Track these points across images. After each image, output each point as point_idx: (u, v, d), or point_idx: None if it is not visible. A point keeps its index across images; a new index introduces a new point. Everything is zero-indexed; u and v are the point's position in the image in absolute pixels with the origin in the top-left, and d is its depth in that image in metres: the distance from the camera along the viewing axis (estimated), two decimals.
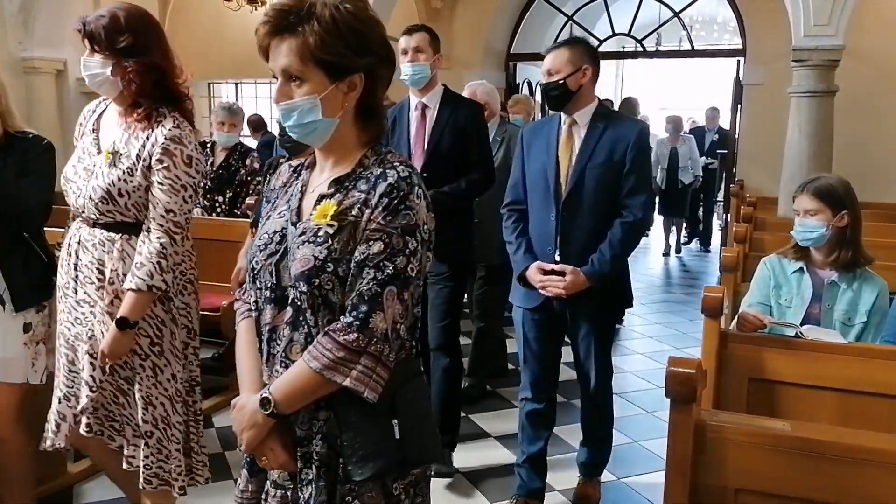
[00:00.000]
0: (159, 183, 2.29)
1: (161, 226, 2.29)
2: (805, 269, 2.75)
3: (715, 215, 10.09)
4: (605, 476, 3.43)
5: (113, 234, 2.34)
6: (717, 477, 1.62)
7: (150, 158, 2.29)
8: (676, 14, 7.88)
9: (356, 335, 1.37)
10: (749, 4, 7.13)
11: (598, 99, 2.89)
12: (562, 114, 2.87)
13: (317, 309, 1.43)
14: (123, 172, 2.29)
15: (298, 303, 1.43)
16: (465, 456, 3.59)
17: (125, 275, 2.30)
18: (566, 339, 3.06)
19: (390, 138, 3.34)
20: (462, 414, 4.07)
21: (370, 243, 1.39)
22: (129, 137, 2.34)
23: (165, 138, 2.29)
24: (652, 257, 9.39)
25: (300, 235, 1.46)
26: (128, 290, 2.27)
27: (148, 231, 2.30)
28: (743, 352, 2.33)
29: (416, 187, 1.43)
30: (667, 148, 8.96)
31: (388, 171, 1.43)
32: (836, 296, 2.69)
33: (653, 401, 4.42)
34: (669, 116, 9.41)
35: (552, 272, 2.78)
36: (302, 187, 1.57)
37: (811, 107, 4.97)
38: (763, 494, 1.59)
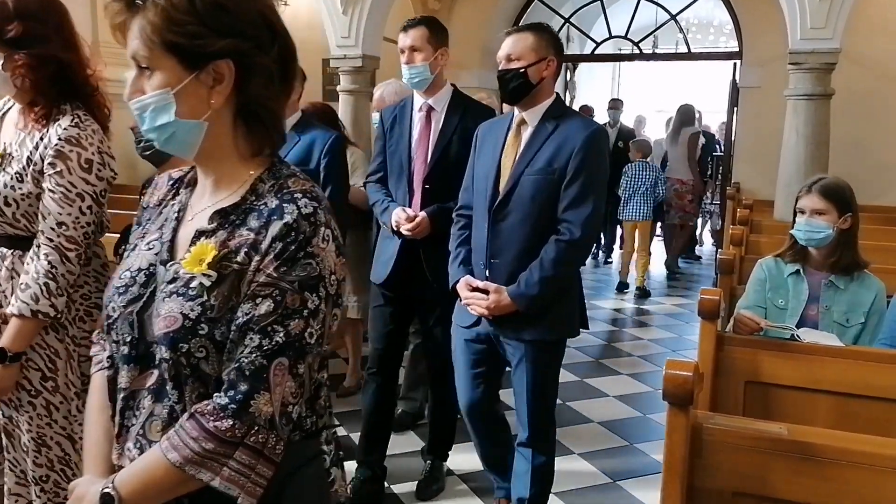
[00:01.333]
0: (50, 190, 1.95)
1: (51, 241, 1.95)
2: (801, 271, 2.75)
3: (703, 221, 9.80)
4: (601, 478, 3.44)
5: (3, 250, 2.05)
6: (714, 480, 1.62)
7: (42, 162, 1.96)
8: (673, 17, 7.89)
9: (231, 422, 1.06)
10: (745, 7, 7.14)
11: (556, 95, 2.56)
12: (515, 111, 2.56)
13: (183, 381, 1.12)
14: (11, 178, 1.98)
15: (162, 369, 1.13)
16: (462, 457, 3.58)
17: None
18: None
19: (387, 141, 3.06)
20: (458, 416, 4.06)
21: (257, 301, 1.09)
22: (23, 138, 2.02)
23: (59, 139, 1.95)
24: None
25: (169, 283, 1.15)
26: (10, 315, 1.95)
27: (38, 247, 1.97)
28: (739, 355, 2.33)
29: (322, 227, 1.12)
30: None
31: (286, 204, 1.12)
32: (833, 297, 2.69)
33: (648, 403, 4.42)
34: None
35: (477, 289, 2.51)
36: (179, 211, 1.25)
37: (808, 110, 4.98)
38: (760, 498, 1.59)
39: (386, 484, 3.28)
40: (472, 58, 7.83)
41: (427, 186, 2.95)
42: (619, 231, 8.75)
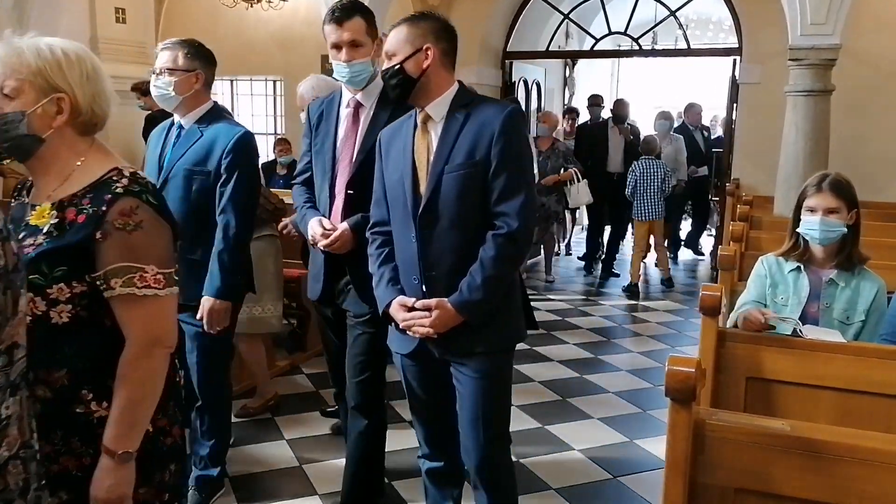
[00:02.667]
0: None
1: None
2: (802, 268, 2.74)
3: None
4: (602, 475, 3.44)
5: None
6: (716, 476, 1.61)
7: None
8: (673, 13, 7.87)
9: None
10: (745, 3, 7.13)
11: (459, 83, 2.31)
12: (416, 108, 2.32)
13: None
14: None
15: None
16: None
17: None
18: None
19: (313, 139, 2.79)
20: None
21: None
22: None
23: None
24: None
25: None
26: None
27: None
28: (741, 351, 2.33)
29: None
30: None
31: None
32: (834, 294, 2.68)
33: (649, 399, 4.42)
34: (662, 112, 8.70)
35: (414, 308, 2.24)
36: None
37: (808, 106, 4.98)
38: (762, 494, 1.59)
39: (387, 479, 3.27)
40: (471, 54, 7.80)
41: (350, 191, 2.66)
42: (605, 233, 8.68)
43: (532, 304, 2.55)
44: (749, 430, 1.59)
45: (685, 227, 9.56)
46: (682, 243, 9.29)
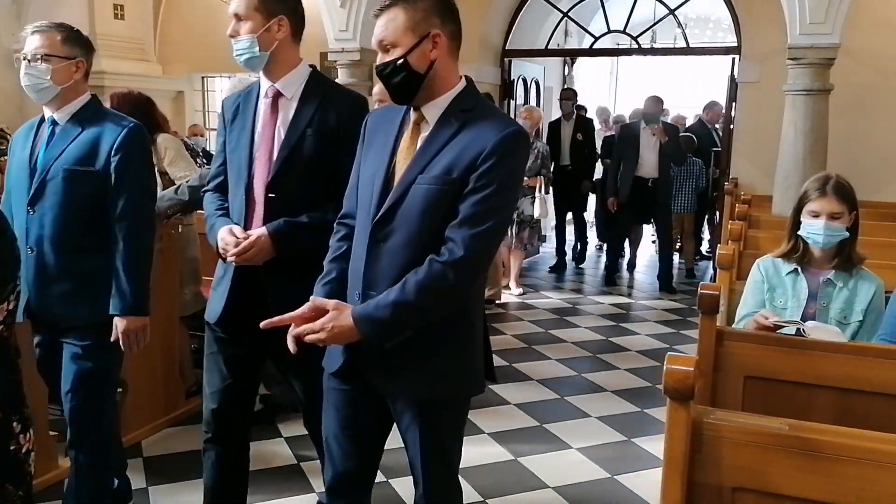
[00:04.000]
0: None
1: None
2: (800, 270, 2.74)
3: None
4: (600, 473, 3.44)
5: None
6: (714, 475, 1.61)
7: None
8: (672, 11, 7.87)
9: None
10: (744, 2, 7.12)
11: (467, 81, 1.95)
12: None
13: None
14: None
15: None
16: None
17: None
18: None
19: (227, 137, 2.40)
20: None
21: None
22: None
23: None
24: (643, 252, 9.38)
25: None
26: None
27: None
28: (739, 350, 2.33)
29: None
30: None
31: None
32: (831, 294, 2.68)
33: (647, 398, 4.42)
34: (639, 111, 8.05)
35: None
36: None
37: (806, 105, 4.97)
38: (760, 493, 1.58)
39: (385, 478, 3.27)
40: (470, 52, 7.78)
41: (272, 195, 2.29)
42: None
43: (529, 302, 2.46)
44: (747, 429, 1.59)
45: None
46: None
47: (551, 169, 7.21)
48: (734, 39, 7.43)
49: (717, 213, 8.22)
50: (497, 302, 6.52)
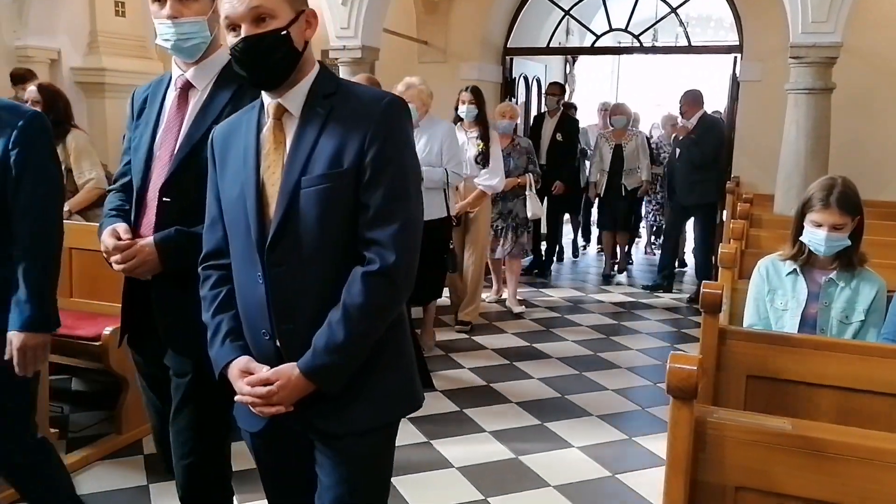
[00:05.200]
0: None
1: None
2: (799, 270, 2.74)
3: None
4: (601, 472, 3.43)
5: None
6: (717, 475, 1.60)
7: None
8: (674, 10, 7.85)
9: None
10: (746, 1, 7.12)
11: (320, 65, 1.71)
12: (264, 98, 1.69)
13: None
14: None
15: None
16: (461, 451, 3.58)
17: None
18: None
19: (133, 131, 2.16)
20: (457, 409, 4.07)
21: None
22: None
23: None
24: (637, 249, 9.38)
25: None
26: None
27: None
28: (741, 349, 2.32)
29: None
30: (609, 144, 7.46)
31: None
32: (833, 294, 2.68)
33: (648, 397, 4.41)
34: (616, 105, 7.79)
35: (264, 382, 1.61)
36: None
37: (809, 104, 4.96)
38: (763, 493, 1.58)
39: None
40: (471, 50, 7.80)
41: (166, 199, 2.02)
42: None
43: (525, 300, 2.35)
44: (750, 428, 1.58)
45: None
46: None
47: (529, 164, 6.34)
48: (736, 38, 7.42)
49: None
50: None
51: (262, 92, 1.68)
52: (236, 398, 1.66)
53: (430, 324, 5.12)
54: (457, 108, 5.40)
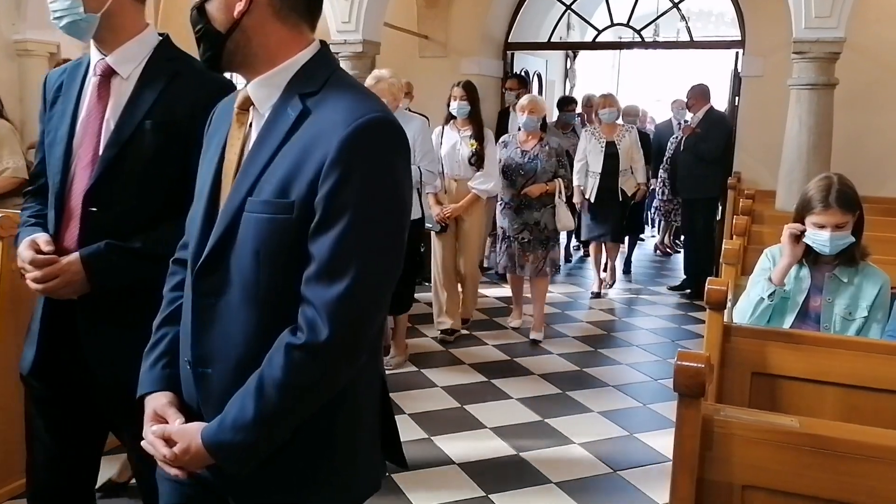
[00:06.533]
0: None
1: None
2: (804, 261, 2.73)
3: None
4: (602, 468, 3.42)
5: None
6: (724, 473, 1.59)
7: None
8: (675, 5, 7.83)
9: None
10: None
11: (322, 45, 1.38)
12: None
13: None
14: None
15: None
16: (463, 447, 3.57)
17: None
18: None
19: (47, 124, 1.86)
20: (458, 405, 4.06)
21: None
22: None
23: None
24: (645, 248, 9.37)
25: None
26: None
27: None
28: (746, 346, 2.31)
29: None
30: (600, 142, 6.47)
31: None
32: (837, 290, 2.67)
33: (650, 393, 4.40)
34: (605, 96, 6.68)
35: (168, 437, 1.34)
36: None
37: (811, 99, 4.95)
38: (770, 491, 1.57)
39: (387, 472, 3.26)
40: (472, 45, 7.77)
41: (93, 209, 1.75)
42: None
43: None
44: (758, 426, 1.57)
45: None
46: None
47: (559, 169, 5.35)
48: (737, 33, 7.39)
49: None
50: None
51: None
52: (142, 443, 1.38)
53: (402, 336, 4.72)
54: (449, 105, 5.06)
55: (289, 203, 1.24)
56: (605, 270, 6.98)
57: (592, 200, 6.42)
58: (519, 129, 5.36)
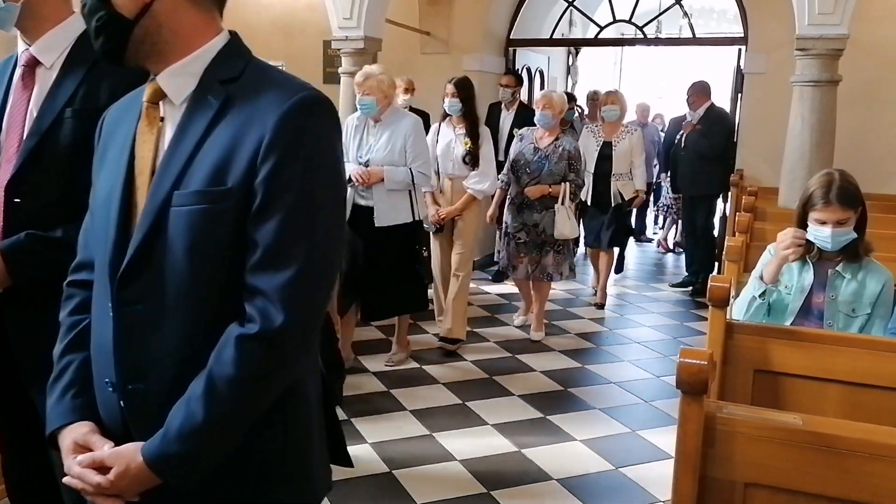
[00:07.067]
0: None
1: None
2: (808, 258, 2.73)
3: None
4: (603, 465, 3.42)
5: None
6: (726, 471, 1.59)
7: None
8: (678, 1, 7.81)
9: None
10: None
11: (231, 36, 1.32)
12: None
13: None
14: None
15: None
16: (464, 443, 3.57)
17: None
18: None
19: None
20: (460, 402, 4.06)
21: None
22: None
23: None
24: (644, 245, 9.37)
25: None
26: None
27: None
28: (748, 343, 2.31)
29: None
30: (597, 140, 6.08)
31: None
32: (840, 286, 2.67)
33: (650, 390, 4.40)
34: (609, 92, 6.28)
35: (96, 464, 1.23)
36: None
37: (814, 96, 4.93)
38: (773, 489, 1.56)
39: (387, 468, 3.26)
40: (473, 41, 7.75)
41: (17, 199, 1.72)
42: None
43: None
44: (760, 423, 1.57)
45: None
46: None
47: (569, 173, 5.07)
48: (740, 30, 7.37)
49: None
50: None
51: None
52: (64, 480, 1.24)
53: (404, 333, 4.70)
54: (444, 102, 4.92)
55: (225, 190, 1.18)
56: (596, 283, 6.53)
57: (589, 203, 6.07)
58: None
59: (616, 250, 6.58)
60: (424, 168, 4.27)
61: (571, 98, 7.74)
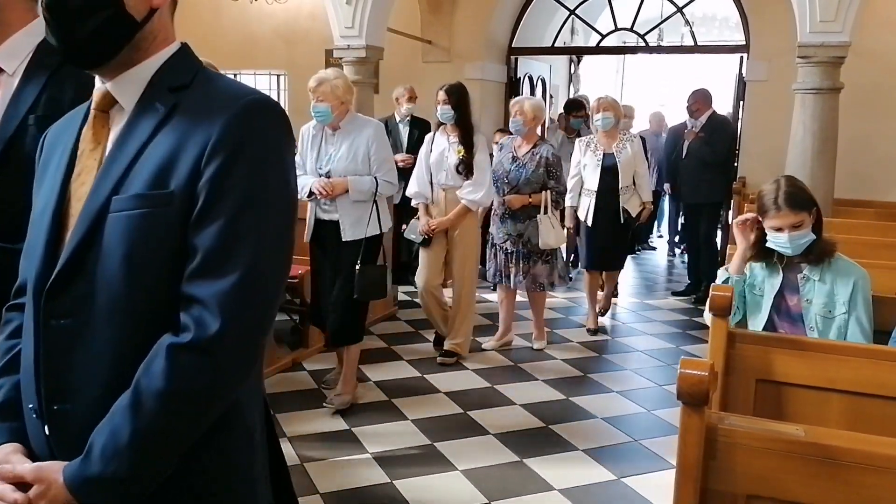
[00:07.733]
0: None
1: None
2: (776, 262, 2.77)
3: None
4: (605, 475, 3.40)
5: None
6: (728, 482, 1.57)
7: None
8: (679, 9, 7.83)
9: None
10: (753, 0, 7.09)
11: (183, 46, 1.28)
12: (97, 82, 1.25)
13: None
14: None
15: None
16: (466, 453, 3.55)
17: None
18: None
19: None
20: (461, 411, 4.04)
21: None
22: None
23: None
24: (651, 256, 9.35)
25: None
26: None
27: None
28: (751, 352, 2.30)
29: None
30: (596, 154, 5.51)
31: None
32: (813, 289, 2.71)
33: (652, 399, 4.38)
34: (602, 98, 5.56)
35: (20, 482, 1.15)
36: None
37: (816, 103, 4.93)
38: (775, 501, 1.55)
39: (388, 479, 3.25)
40: (476, 50, 7.77)
41: None
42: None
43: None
44: (762, 435, 1.55)
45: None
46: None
47: (549, 180, 4.89)
48: (742, 38, 7.39)
49: None
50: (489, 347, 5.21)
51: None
52: None
53: (353, 371, 4.12)
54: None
55: (166, 194, 1.12)
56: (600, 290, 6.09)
57: (589, 223, 5.52)
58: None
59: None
60: (390, 176, 4.01)
61: (581, 106, 7.15)
